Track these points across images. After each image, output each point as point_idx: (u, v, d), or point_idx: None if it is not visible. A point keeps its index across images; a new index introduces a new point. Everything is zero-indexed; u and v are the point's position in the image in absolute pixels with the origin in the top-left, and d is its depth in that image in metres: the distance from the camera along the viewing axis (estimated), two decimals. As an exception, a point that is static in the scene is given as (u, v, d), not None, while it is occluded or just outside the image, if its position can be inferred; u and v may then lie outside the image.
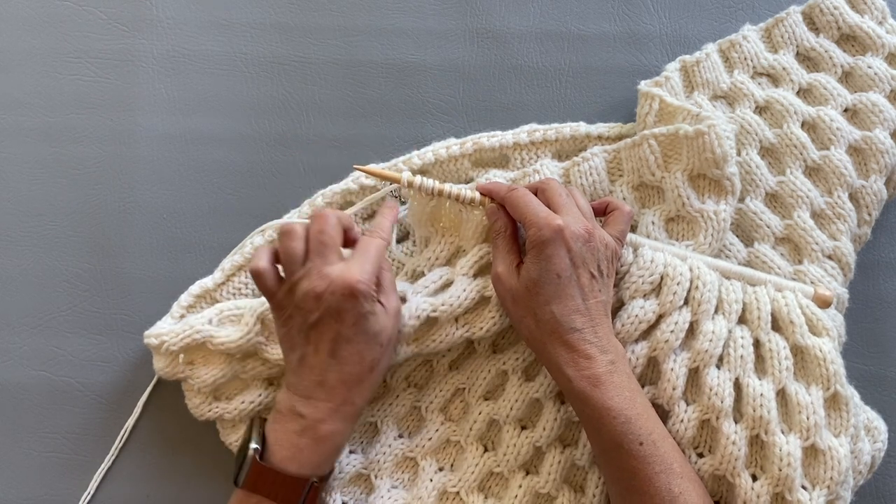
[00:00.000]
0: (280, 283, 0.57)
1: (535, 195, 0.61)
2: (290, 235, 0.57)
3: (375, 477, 0.64)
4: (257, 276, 0.57)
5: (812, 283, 0.64)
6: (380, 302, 0.58)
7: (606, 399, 0.56)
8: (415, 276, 0.66)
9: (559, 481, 0.63)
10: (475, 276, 0.63)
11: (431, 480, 0.64)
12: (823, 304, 0.62)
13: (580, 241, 0.57)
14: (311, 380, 0.56)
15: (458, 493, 0.64)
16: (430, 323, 0.62)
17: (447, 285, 0.63)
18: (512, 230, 0.61)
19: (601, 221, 0.64)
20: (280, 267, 0.58)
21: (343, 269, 0.55)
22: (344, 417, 0.57)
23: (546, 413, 0.63)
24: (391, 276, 0.61)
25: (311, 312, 0.56)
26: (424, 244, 0.67)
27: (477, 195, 0.62)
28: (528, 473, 0.64)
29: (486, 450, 0.65)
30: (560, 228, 0.57)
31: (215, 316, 0.63)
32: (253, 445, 0.57)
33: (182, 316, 0.65)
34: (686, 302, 0.61)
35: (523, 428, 0.64)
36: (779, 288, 0.63)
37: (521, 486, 0.63)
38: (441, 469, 0.65)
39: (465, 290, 0.62)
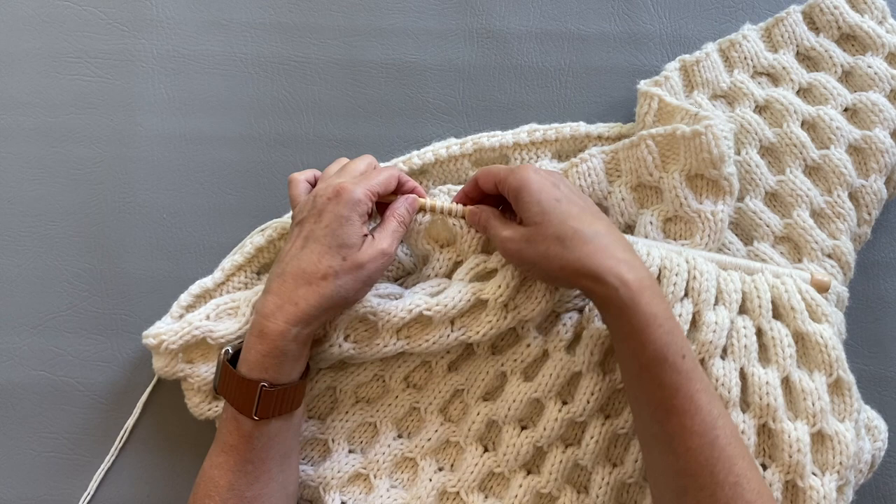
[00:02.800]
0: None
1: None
2: (341, 160, 0.64)
3: (374, 477, 0.64)
4: (290, 182, 0.62)
5: (808, 269, 0.64)
6: (370, 235, 0.59)
7: (653, 305, 0.53)
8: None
9: (561, 481, 0.62)
10: (471, 281, 0.62)
11: (431, 480, 0.64)
12: (821, 289, 0.62)
13: (545, 172, 0.59)
14: (276, 271, 0.58)
15: (457, 492, 0.64)
16: (424, 322, 0.62)
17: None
18: (498, 211, 0.62)
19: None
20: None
21: (342, 180, 0.59)
22: (286, 318, 0.56)
23: (547, 413, 0.62)
24: (397, 228, 0.60)
25: (301, 212, 0.59)
26: (424, 262, 0.66)
27: (459, 207, 0.63)
28: (529, 473, 0.63)
29: (486, 450, 0.64)
30: (526, 167, 0.59)
31: (212, 311, 0.63)
32: (227, 347, 0.59)
33: (181, 316, 0.65)
34: (686, 293, 0.61)
35: (524, 428, 0.63)
36: (775, 275, 0.62)
37: (521, 486, 0.62)
38: (441, 469, 0.65)
39: (459, 292, 0.61)
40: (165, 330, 0.62)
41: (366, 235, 0.58)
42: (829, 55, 0.70)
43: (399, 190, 0.63)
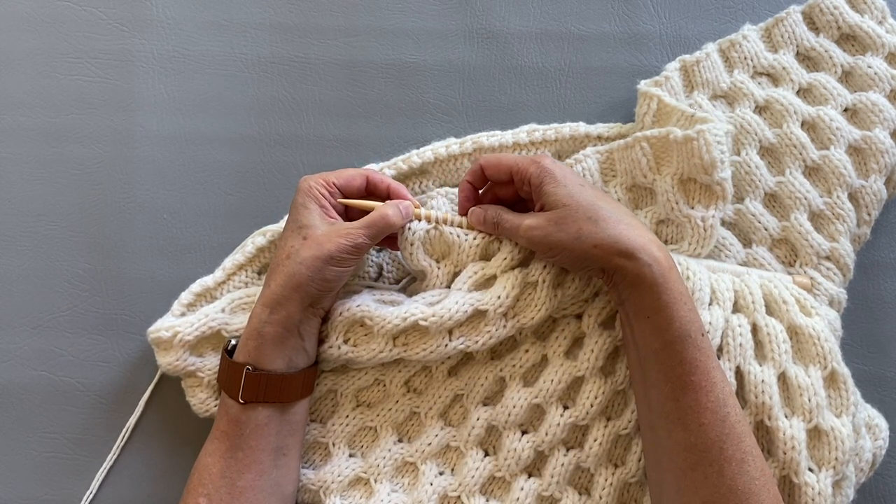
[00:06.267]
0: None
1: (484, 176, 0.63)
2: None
3: (375, 481, 0.63)
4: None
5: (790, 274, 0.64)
6: (334, 217, 0.60)
7: (679, 283, 0.55)
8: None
9: (563, 484, 0.61)
10: (470, 291, 0.61)
11: (432, 484, 0.62)
12: (803, 289, 0.62)
13: (561, 164, 0.60)
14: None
15: (458, 496, 0.62)
16: (422, 331, 0.61)
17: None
18: (504, 206, 0.62)
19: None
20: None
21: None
22: (260, 301, 0.58)
23: (549, 417, 0.61)
24: (376, 221, 0.59)
25: None
26: (422, 278, 0.64)
27: (455, 217, 0.62)
28: (530, 476, 0.62)
29: (486, 454, 0.63)
30: (545, 157, 0.60)
31: (228, 305, 0.63)
32: (231, 339, 0.61)
33: (182, 314, 0.64)
34: (681, 294, 0.61)
35: (524, 432, 0.62)
36: (760, 276, 0.62)
37: (523, 489, 0.61)
38: (441, 473, 0.64)
39: (457, 303, 0.60)
40: (180, 322, 0.62)
41: (333, 220, 0.60)
42: (829, 55, 0.69)
43: (377, 190, 0.62)
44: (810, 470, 0.57)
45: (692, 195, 0.63)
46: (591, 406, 0.61)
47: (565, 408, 0.62)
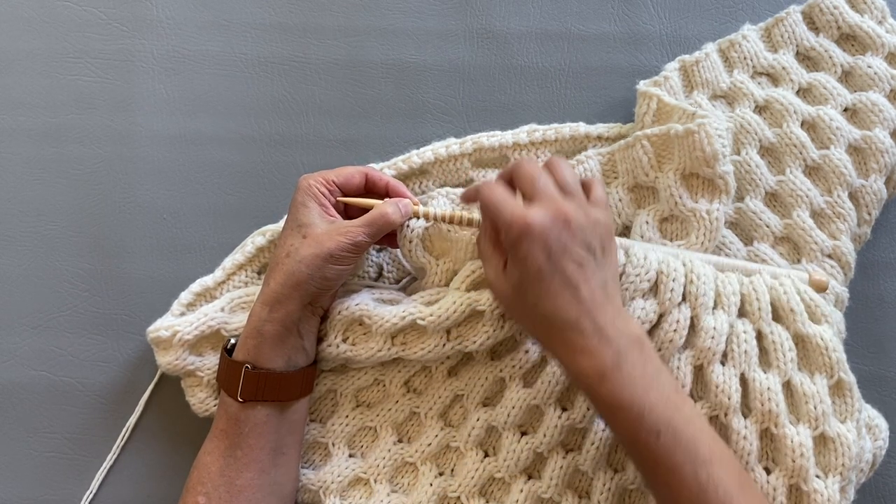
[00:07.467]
0: None
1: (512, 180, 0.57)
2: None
3: (375, 481, 0.63)
4: None
5: (806, 270, 0.63)
6: (333, 215, 0.60)
7: (615, 394, 0.51)
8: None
9: (562, 486, 0.61)
10: (468, 290, 0.60)
11: (431, 485, 0.62)
12: (819, 288, 0.61)
13: (556, 230, 0.51)
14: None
15: (458, 497, 0.62)
16: (420, 331, 0.60)
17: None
18: (492, 230, 0.56)
19: None
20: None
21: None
22: (260, 299, 0.58)
23: (547, 419, 0.61)
24: (376, 219, 0.58)
25: None
26: (421, 276, 0.64)
27: (450, 212, 0.61)
28: (529, 478, 0.62)
29: (486, 455, 0.63)
30: (528, 225, 0.51)
31: (227, 304, 0.63)
32: (230, 339, 0.61)
33: (182, 314, 0.64)
34: (684, 298, 0.59)
35: (523, 434, 0.62)
36: (773, 276, 0.61)
37: (522, 491, 0.61)
38: (441, 474, 0.63)
39: (455, 302, 0.59)
40: (179, 321, 0.62)
41: (332, 218, 0.60)
42: (829, 55, 0.68)
43: (376, 188, 0.62)
44: (818, 477, 0.57)
45: (695, 190, 0.63)
46: (589, 408, 0.60)
47: (563, 409, 0.61)
